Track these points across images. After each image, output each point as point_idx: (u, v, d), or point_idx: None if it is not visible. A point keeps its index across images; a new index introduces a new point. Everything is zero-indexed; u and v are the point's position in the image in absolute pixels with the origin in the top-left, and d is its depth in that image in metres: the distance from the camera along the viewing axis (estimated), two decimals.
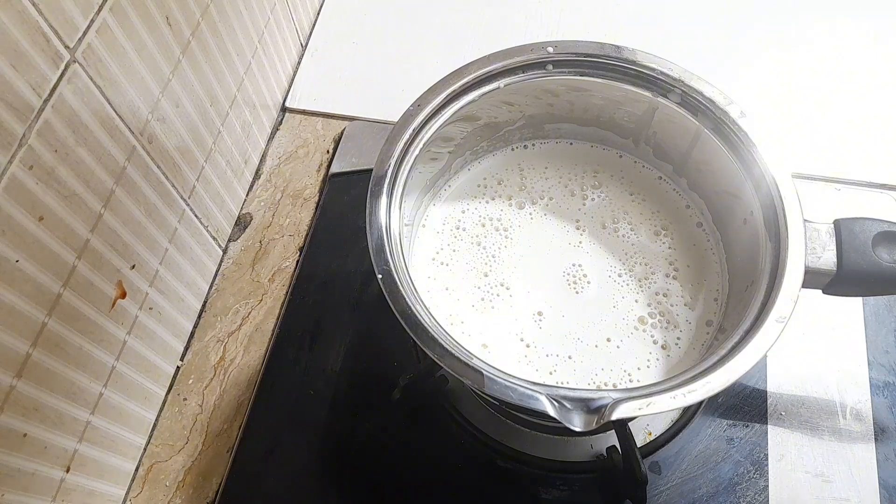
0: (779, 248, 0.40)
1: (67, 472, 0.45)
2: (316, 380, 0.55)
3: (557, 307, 0.46)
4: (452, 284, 0.47)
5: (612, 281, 0.47)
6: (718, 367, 0.36)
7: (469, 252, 0.49)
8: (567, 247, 0.49)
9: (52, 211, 0.40)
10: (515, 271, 0.48)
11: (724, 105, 0.44)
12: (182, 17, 0.50)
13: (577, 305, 0.46)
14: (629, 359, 0.45)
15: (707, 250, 0.48)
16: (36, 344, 0.40)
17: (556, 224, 0.50)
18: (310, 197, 0.66)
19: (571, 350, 0.45)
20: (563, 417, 0.35)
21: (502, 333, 0.46)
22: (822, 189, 0.63)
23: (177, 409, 0.56)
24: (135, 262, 0.49)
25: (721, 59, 0.70)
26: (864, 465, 0.50)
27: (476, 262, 0.48)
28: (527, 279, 0.47)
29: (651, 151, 0.50)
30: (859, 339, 0.55)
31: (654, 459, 0.51)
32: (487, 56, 0.46)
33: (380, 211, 0.41)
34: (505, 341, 0.45)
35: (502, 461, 0.51)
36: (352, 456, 0.53)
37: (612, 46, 0.46)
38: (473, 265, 0.48)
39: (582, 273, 0.48)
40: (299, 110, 0.71)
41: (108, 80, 0.43)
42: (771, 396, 0.53)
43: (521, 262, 0.48)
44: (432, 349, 0.37)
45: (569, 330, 0.46)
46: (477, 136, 0.50)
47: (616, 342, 0.45)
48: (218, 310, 0.60)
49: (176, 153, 0.52)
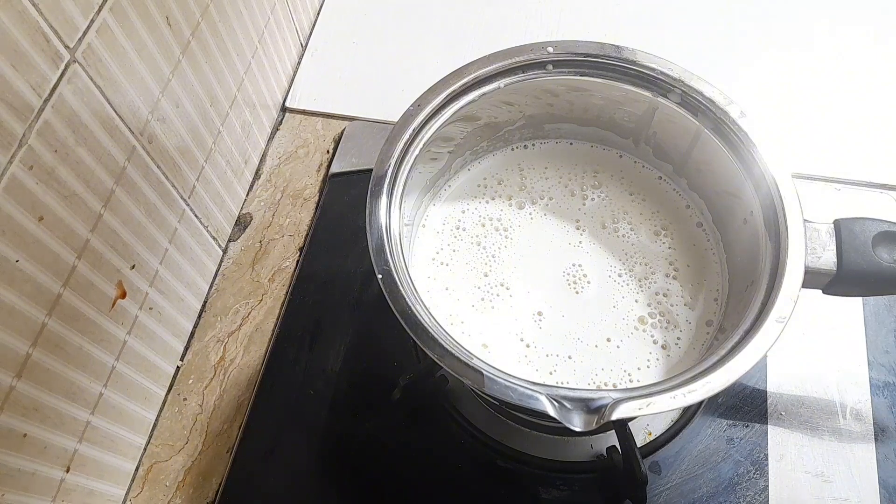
0: (779, 248, 0.40)
1: (67, 472, 0.45)
2: (316, 380, 0.55)
3: (557, 307, 0.46)
4: (452, 284, 0.47)
5: (612, 281, 0.47)
6: (718, 367, 0.36)
7: (469, 252, 0.49)
8: (567, 247, 0.49)
9: (52, 211, 0.40)
10: (515, 271, 0.48)
11: (724, 105, 0.44)
12: (182, 17, 0.50)
13: (577, 305, 0.46)
14: (629, 359, 0.45)
15: (707, 250, 0.48)
16: (36, 344, 0.40)
17: (556, 224, 0.50)
18: (310, 197, 0.66)
19: (571, 350, 0.45)
20: (563, 417, 0.35)
21: (502, 333, 0.46)
22: (822, 189, 0.63)
23: (177, 409, 0.56)
24: (135, 262, 0.49)
25: (721, 59, 0.70)
26: (864, 465, 0.50)
27: (476, 262, 0.48)
28: (527, 279, 0.47)
29: (651, 151, 0.50)
30: (859, 339, 0.55)
31: (654, 459, 0.51)
32: (487, 56, 0.46)
33: (380, 211, 0.41)
34: (505, 341, 0.45)
35: (502, 461, 0.51)
36: (352, 456, 0.53)
37: (612, 46, 0.46)
38: (473, 265, 0.48)
39: (582, 273, 0.48)
40: (299, 110, 0.71)
41: (108, 80, 0.43)
42: (771, 396, 0.53)
43: (521, 262, 0.48)
44: (432, 349, 0.37)
45: (569, 330, 0.46)
46: (477, 136, 0.50)
47: (616, 342, 0.45)
48: (218, 310, 0.60)
49: (176, 153, 0.52)
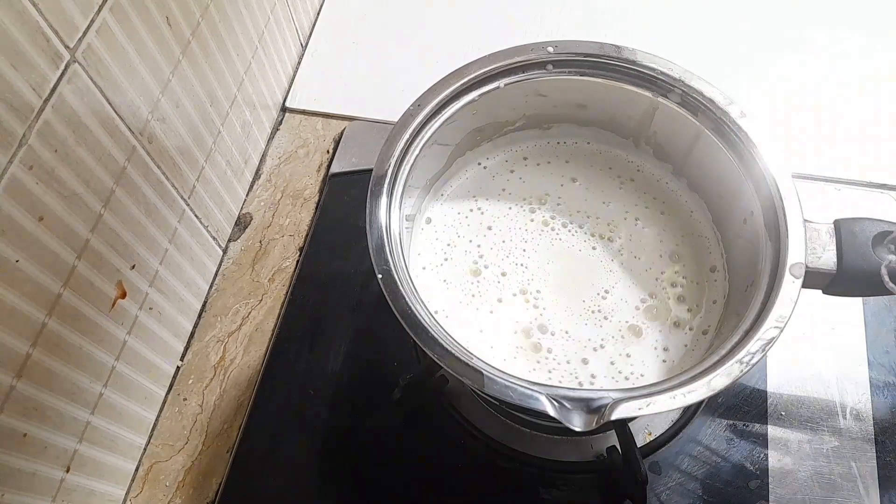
0: (779, 248, 0.40)
1: (67, 472, 0.45)
2: (316, 380, 0.55)
3: (557, 307, 0.46)
4: (452, 284, 0.47)
5: (612, 281, 0.47)
6: (718, 367, 0.36)
7: (469, 252, 0.49)
8: (567, 247, 0.49)
9: (52, 211, 0.40)
10: (516, 272, 0.48)
11: (724, 105, 0.44)
12: (182, 17, 0.50)
13: (577, 305, 0.46)
14: (629, 359, 0.45)
15: (707, 250, 0.48)
16: (36, 344, 0.40)
17: (556, 224, 0.50)
18: (310, 197, 0.66)
19: (571, 350, 0.45)
20: (563, 417, 0.35)
21: (502, 334, 0.45)
22: (822, 189, 0.63)
23: (177, 409, 0.56)
24: (135, 262, 0.49)
25: (721, 59, 0.70)
26: (864, 465, 0.50)
27: (476, 263, 0.48)
28: (527, 280, 0.47)
29: (651, 151, 0.50)
30: (859, 339, 0.55)
31: (654, 459, 0.51)
32: (487, 56, 0.46)
33: (380, 211, 0.41)
34: (505, 341, 0.45)
35: (502, 461, 0.51)
36: (352, 456, 0.53)
37: (612, 46, 0.45)
38: (473, 265, 0.48)
39: (582, 273, 0.48)
40: (299, 110, 0.71)
41: (108, 80, 0.43)
42: (771, 396, 0.53)
43: (522, 262, 0.48)
44: (432, 349, 0.37)
45: (569, 330, 0.46)
46: (477, 136, 0.50)
47: (617, 342, 0.45)
48: (218, 310, 0.60)
49: (176, 153, 0.52)
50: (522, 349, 0.45)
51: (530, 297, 0.47)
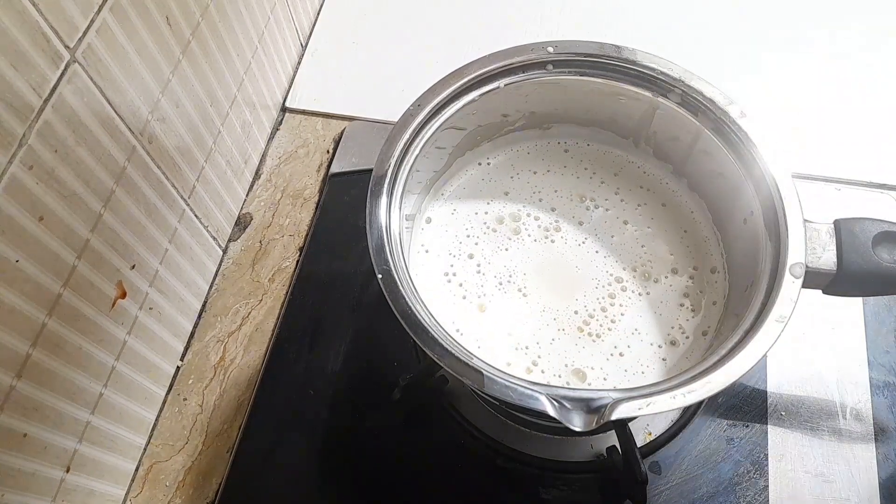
0: (779, 248, 0.40)
1: (67, 472, 0.45)
2: (316, 380, 0.55)
3: (557, 308, 0.46)
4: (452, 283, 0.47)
5: (612, 282, 0.47)
6: (718, 367, 0.36)
7: (469, 252, 0.49)
8: (568, 247, 0.49)
9: (52, 211, 0.40)
10: (516, 272, 0.48)
11: (724, 105, 0.44)
12: (182, 17, 0.50)
13: (577, 306, 0.46)
14: (629, 359, 0.45)
15: (707, 251, 0.48)
16: (36, 344, 0.40)
17: (556, 224, 0.50)
18: (310, 197, 0.66)
19: (571, 350, 0.45)
20: (563, 417, 0.35)
21: (502, 334, 0.45)
22: (822, 189, 0.63)
23: (177, 409, 0.56)
24: (135, 262, 0.49)
25: (721, 59, 0.70)
26: (864, 465, 0.50)
27: (476, 263, 0.48)
28: (527, 280, 0.47)
29: (651, 151, 0.50)
30: (859, 339, 0.55)
31: (654, 459, 0.51)
32: (487, 56, 0.46)
33: (380, 211, 0.41)
34: (505, 342, 0.45)
35: (502, 461, 0.51)
36: (352, 456, 0.53)
37: (612, 46, 0.45)
38: (473, 265, 0.48)
39: (582, 273, 0.48)
40: (299, 110, 0.71)
41: (108, 80, 0.43)
42: (771, 396, 0.53)
43: (522, 262, 0.48)
44: (432, 349, 0.37)
45: (569, 330, 0.46)
46: (477, 135, 0.50)
47: (617, 343, 0.45)
48: (218, 310, 0.60)
49: (176, 153, 0.52)
50: (523, 349, 0.45)
51: (531, 297, 0.47)
